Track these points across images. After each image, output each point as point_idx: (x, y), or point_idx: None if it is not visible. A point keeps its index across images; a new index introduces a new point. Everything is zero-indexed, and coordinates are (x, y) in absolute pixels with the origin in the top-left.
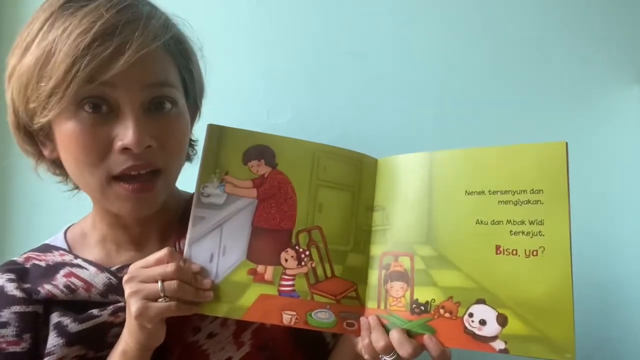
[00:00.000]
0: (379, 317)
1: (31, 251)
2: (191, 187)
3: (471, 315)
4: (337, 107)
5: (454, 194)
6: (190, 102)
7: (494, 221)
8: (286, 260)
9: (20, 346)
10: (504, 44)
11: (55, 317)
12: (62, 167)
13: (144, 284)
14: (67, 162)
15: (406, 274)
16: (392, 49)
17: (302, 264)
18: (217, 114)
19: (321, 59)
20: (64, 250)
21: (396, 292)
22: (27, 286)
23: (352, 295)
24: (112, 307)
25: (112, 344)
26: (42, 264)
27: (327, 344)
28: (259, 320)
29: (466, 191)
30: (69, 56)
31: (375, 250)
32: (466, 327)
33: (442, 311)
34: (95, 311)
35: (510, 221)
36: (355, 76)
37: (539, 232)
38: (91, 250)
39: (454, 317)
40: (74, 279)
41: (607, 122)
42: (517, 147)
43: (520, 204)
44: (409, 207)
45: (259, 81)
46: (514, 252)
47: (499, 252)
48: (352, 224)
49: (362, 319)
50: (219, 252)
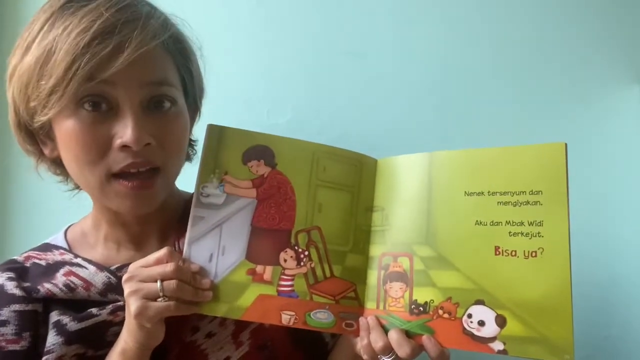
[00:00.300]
0: (378, 318)
1: (31, 250)
2: (191, 187)
3: (470, 316)
4: (337, 107)
5: (453, 194)
6: (189, 102)
7: (493, 222)
8: (285, 260)
9: (19, 344)
10: (503, 44)
11: (54, 316)
12: (62, 167)
13: (143, 283)
14: (67, 161)
15: (405, 275)
16: (392, 49)
17: (301, 264)
18: (217, 114)
19: (321, 59)
20: (64, 249)
21: (395, 292)
22: (26, 285)
23: (351, 295)
24: (111, 306)
25: (111, 343)
26: (42, 263)
27: (326, 344)
28: (258, 320)
29: (465, 192)
30: (69, 54)
31: (374, 250)
32: (465, 328)
33: (441, 312)
34: (94, 310)
35: (509, 222)
36: (355, 76)
37: (538, 233)
38: (91, 249)
39: (453, 318)
40: (73, 278)
41: (607, 122)
42: (516, 148)
43: (519, 204)
44: (409, 208)
45: (259, 81)
46: (513, 253)
47: (498, 253)
48: (351, 224)
49: (361, 320)
50: (218, 252)
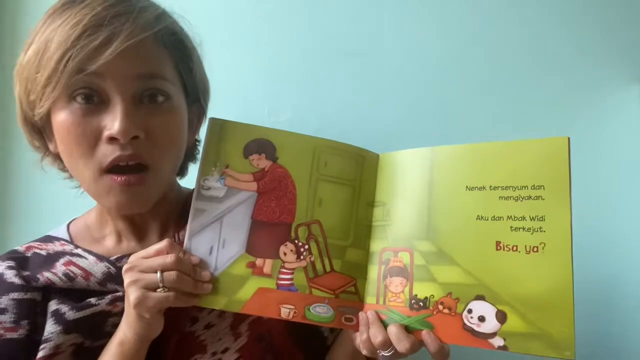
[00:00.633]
0: (377, 313)
1: (33, 241)
2: (193, 183)
3: (470, 311)
4: (337, 106)
5: (455, 189)
6: (191, 101)
7: (494, 217)
8: (285, 254)
9: (17, 332)
10: (504, 44)
11: (53, 305)
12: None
13: (143, 273)
14: (64, 155)
15: (405, 270)
16: (392, 48)
17: (301, 258)
18: (216, 113)
19: (321, 57)
20: (65, 240)
21: (395, 287)
22: (26, 274)
23: (351, 290)
24: (110, 296)
25: (109, 334)
26: (43, 253)
27: (325, 338)
28: (257, 313)
29: (467, 186)
30: (60, 47)
31: (375, 245)
32: (465, 324)
33: (441, 307)
34: (93, 300)
35: (511, 217)
36: (355, 75)
37: (540, 228)
38: (94, 242)
39: (453, 313)
40: (73, 267)
41: (607, 122)
42: (518, 142)
43: (521, 199)
44: (410, 203)
45: (259, 80)
46: (515, 248)
47: (499, 248)
48: (352, 219)
49: (361, 314)
50: (218, 244)
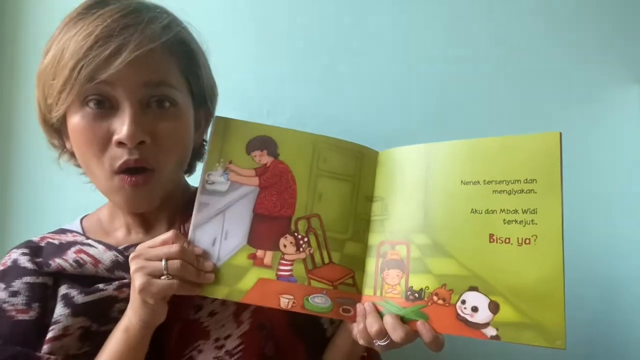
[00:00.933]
0: (374, 304)
1: (47, 233)
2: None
3: (464, 302)
4: (336, 106)
5: (450, 184)
6: (197, 104)
7: (488, 210)
8: (285, 246)
9: (28, 314)
10: (504, 44)
11: (63, 289)
12: None
13: (149, 261)
14: (77, 155)
15: (402, 262)
16: (392, 48)
17: (301, 250)
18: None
19: (321, 57)
20: (77, 232)
21: (392, 279)
22: (39, 260)
23: (349, 282)
24: (117, 282)
25: (116, 319)
26: (56, 242)
27: (325, 330)
28: (257, 303)
29: (462, 181)
30: (74, 56)
31: (373, 239)
32: (459, 314)
33: (435, 298)
34: (101, 285)
35: (504, 210)
36: (354, 75)
37: (532, 220)
38: (104, 234)
39: (447, 304)
40: (83, 255)
41: (607, 122)
42: (512, 137)
43: (514, 193)
44: (407, 197)
45: (259, 80)
46: (507, 240)
47: (492, 240)
48: (351, 213)
49: (358, 305)
50: (221, 236)
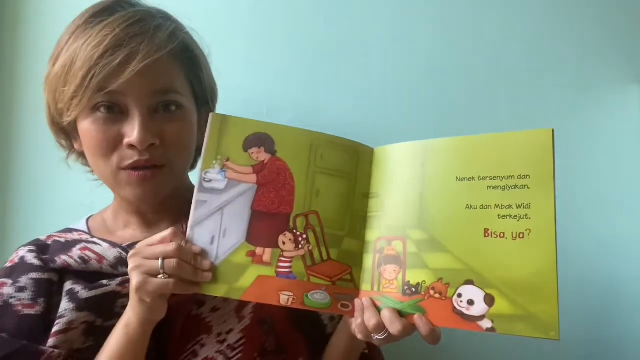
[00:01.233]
0: (372, 299)
1: (54, 232)
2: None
3: (460, 295)
4: (336, 107)
5: (446, 180)
6: (200, 105)
7: (483, 205)
8: (284, 243)
9: (34, 309)
10: (503, 43)
11: (68, 285)
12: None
13: (146, 260)
14: (88, 155)
15: (399, 257)
16: (392, 49)
17: (299, 246)
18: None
19: (321, 58)
20: (83, 231)
21: (389, 274)
22: (45, 257)
23: (347, 278)
24: (120, 278)
25: (119, 314)
26: (62, 240)
27: (324, 326)
28: (257, 300)
29: (457, 177)
30: (85, 65)
31: (370, 235)
32: (455, 307)
33: (432, 292)
34: (105, 281)
35: (498, 205)
36: (355, 75)
37: (526, 215)
38: (109, 233)
39: (444, 298)
40: (88, 252)
41: (607, 122)
42: (506, 134)
43: (508, 188)
44: (403, 194)
45: (258, 80)
46: (502, 234)
47: (487, 235)
48: (348, 209)
49: (356, 300)
50: (219, 234)
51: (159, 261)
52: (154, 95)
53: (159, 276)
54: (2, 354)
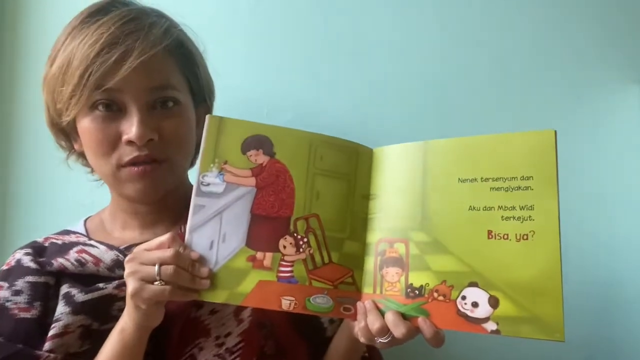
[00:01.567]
0: (374, 302)
1: (52, 234)
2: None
3: (464, 298)
4: (336, 108)
5: (448, 181)
6: (197, 102)
7: (486, 207)
8: (284, 247)
9: (30, 313)
10: (503, 44)
11: (64, 288)
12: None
13: (142, 265)
14: (87, 154)
15: (401, 260)
16: (392, 49)
17: (300, 250)
18: (216, 113)
19: (321, 58)
20: (81, 234)
21: (391, 277)
22: (42, 259)
23: (348, 281)
24: (117, 281)
25: (116, 318)
26: (59, 242)
27: (324, 329)
28: (258, 305)
29: (459, 179)
30: (82, 64)
31: (371, 237)
32: (459, 310)
33: (436, 294)
34: (101, 284)
35: (501, 207)
36: (355, 76)
37: (529, 216)
38: (107, 235)
39: (447, 300)
40: (84, 255)
41: (607, 122)
42: (508, 135)
43: (511, 190)
44: (404, 195)
45: (258, 81)
46: (505, 236)
47: (490, 236)
48: (348, 211)
49: (359, 304)
50: (218, 239)
51: (156, 267)
52: (151, 91)
53: (156, 283)
54: None
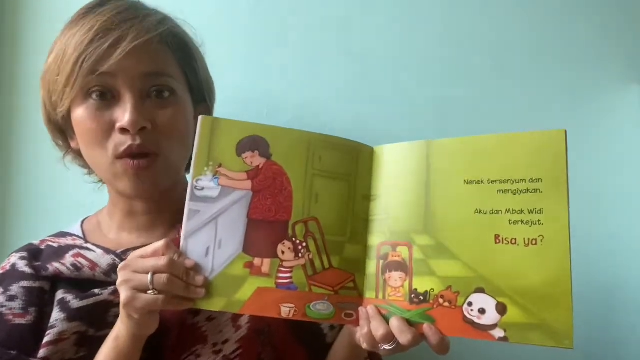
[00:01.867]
0: (377, 307)
1: (48, 236)
2: None
3: (470, 304)
4: (336, 108)
5: (453, 183)
6: (196, 101)
7: (493, 210)
8: (283, 252)
9: (25, 319)
10: (503, 44)
11: (60, 294)
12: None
13: (135, 274)
14: (82, 146)
15: (405, 264)
16: (392, 49)
17: (300, 255)
18: (216, 113)
19: (322, 59)
20: (77, 236)
21: (395, 282)
22: (37, 264)
23: (350, 286)
24: (112, 287)
25: (112, 324)
26: (55, 245)
27: (325, 335)
28: (257, 313)
29: (465, 180)
30: (76, 51)
31: (372, 240)
32: (465, 316)
33: (441, 300)
34: (96, 290)
35: (509, 210)
36: (355, 75)
37: (538, 221)
38: (104, 237)
39: (454, 307)
40: (80, 259)
41: (606, 122)
42: (516, 135)
43: (519, 193)
44: (407, 196)
45: (258, 81)
46: (514, 241)
47: (498, 241)
48: (348, 214)
49: (361, 309)
50: (214, 245)
51: (149, 276)
52: (146, 77)
53: (149, 292)
54: None
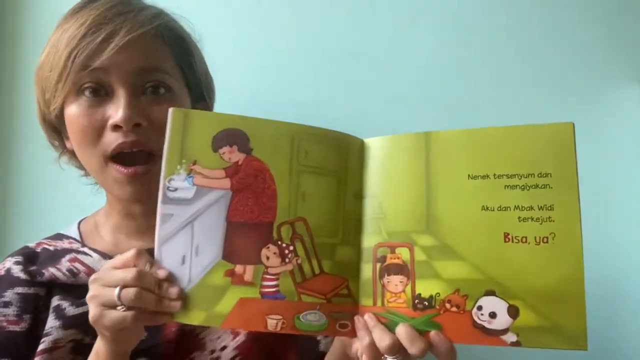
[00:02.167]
0: (376, 315)
1: (44, 238)
2: None
3: (480, 308)
4: (337, 108)
5: (456, 178)
6: (195, 99)
7: (501, 207)
8: (268, 257)
9: (19, 326)
10: (504, 44)
11: (55, 301)
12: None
13: (104, 288)
14: (74, 145)
15: (405, 267)
16: (393, 49)
17: (286, 260)
18: None
19: (322, 59)
20: (74, 239)
21: (394, 286)
22: (32, 268)
23: (343, 292)
24: None
25: None
26: (51, 249)
27: (318, 342)
28: (241, 327)
29: (469, 175)
30: (68, 46)
31: (367, 241)
32: (475, 321)
33: (448, 305)
34: None
35: (518, 207)
36: (356, 76)
37: (549, 217)
38: (102, 239)
39: (462, 311)
40: (77, 264)
41: (607, 122)
42: (522, 127)
43: (527, 188)
44: (405, 193)
45: (258, 81)
46: (524, 239)
47: (507, 240)
48: (339, 213)
49: (357, 318)
50: (191, 253)
51: (116, 290)
52: (139, 73)
53: (118, 307)
54: None
